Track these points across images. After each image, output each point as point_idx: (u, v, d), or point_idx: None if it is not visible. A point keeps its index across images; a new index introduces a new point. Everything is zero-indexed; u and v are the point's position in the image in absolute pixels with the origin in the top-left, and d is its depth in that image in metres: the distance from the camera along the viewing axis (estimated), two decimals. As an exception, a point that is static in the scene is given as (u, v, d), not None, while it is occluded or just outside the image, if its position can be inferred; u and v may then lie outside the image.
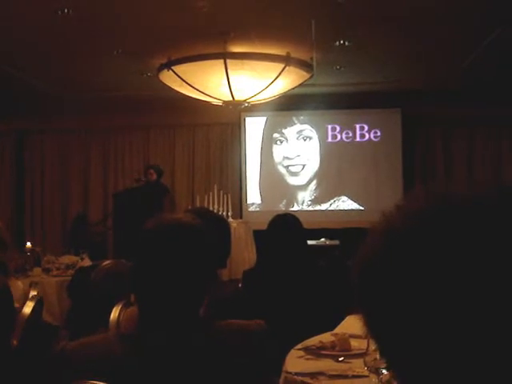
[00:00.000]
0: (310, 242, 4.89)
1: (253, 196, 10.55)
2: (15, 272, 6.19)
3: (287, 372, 2.53)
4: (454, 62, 8.30)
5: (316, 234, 9.10)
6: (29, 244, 7.11)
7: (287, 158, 10.55)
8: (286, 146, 10.57)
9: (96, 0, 5.96)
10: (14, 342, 1.97)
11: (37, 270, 6.61)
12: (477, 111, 9.98)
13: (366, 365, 2.21)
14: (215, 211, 7.55)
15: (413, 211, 0.70)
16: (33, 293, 2.94)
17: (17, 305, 2.34)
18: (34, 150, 11.19)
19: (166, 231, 1.72)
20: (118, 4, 6.06)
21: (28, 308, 2.06)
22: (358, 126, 10.44)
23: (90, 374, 1.61)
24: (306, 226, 4.04)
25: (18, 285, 3.32)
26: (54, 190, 11.09)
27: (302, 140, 10.54)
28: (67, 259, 7.00)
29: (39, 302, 2.14)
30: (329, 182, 10.45)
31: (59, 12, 6.15)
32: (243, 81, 7.58)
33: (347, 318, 3.24)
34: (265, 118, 10.55)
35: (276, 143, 10.58)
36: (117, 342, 1.70)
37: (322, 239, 9.53)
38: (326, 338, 2.90)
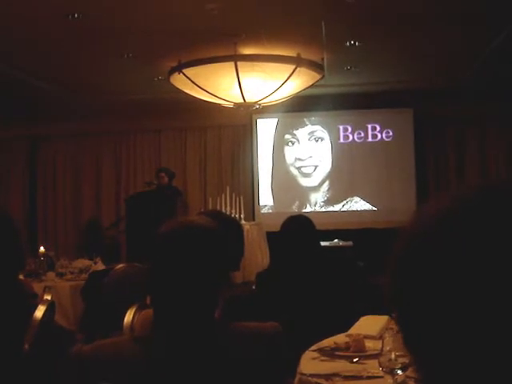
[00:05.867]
0: (323, 243, 4.89)
1: (265, 198, 10.53)
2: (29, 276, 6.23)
3: (302, 373, 2.52)
4: (466, 60, 8.26)
5: (329, 235, 9.10)
6: (42, 248, 7.12)
7: (299, 160, 10.52)
8: (297, 148, 10.54)
9: (106, 4, 5.97)
10: (26, 346, 1.98)
11: (50, 275, 6.62)
12: (489, 110, 9.94)
13: (380, 366, 2.20)
14: (228, 213, 7.54)
15: (463, 205, 0.66)
16: (46, 297, 2.94)
17: None
18: (46, 154, 11.26)
19: (180, 234, 1.72)
20: (127, 8, 6.07)
21: (39, 312, 2.07)
22: (369, 126, 10.41)
23: (105, 376, 1.61)
24: (318, 227, 4.02)
25: None
26: (66, 195, 11.14)
27: (314, 141, 10.52)
28: (81, 263, 7.01)
29: (51, 306, 2.14)
30: (341, 182, 10.42)
31: (69, 16, 6.17)
32: (254, 83, 7.58)
33: (361, 318, 3.22)
34: (276, 120, 10.54)
35: (288, 144, 10.56)
36: (131, 345, 1.70)
37: (335, 240, 9.52)
38: (340, 339, 2.88)
